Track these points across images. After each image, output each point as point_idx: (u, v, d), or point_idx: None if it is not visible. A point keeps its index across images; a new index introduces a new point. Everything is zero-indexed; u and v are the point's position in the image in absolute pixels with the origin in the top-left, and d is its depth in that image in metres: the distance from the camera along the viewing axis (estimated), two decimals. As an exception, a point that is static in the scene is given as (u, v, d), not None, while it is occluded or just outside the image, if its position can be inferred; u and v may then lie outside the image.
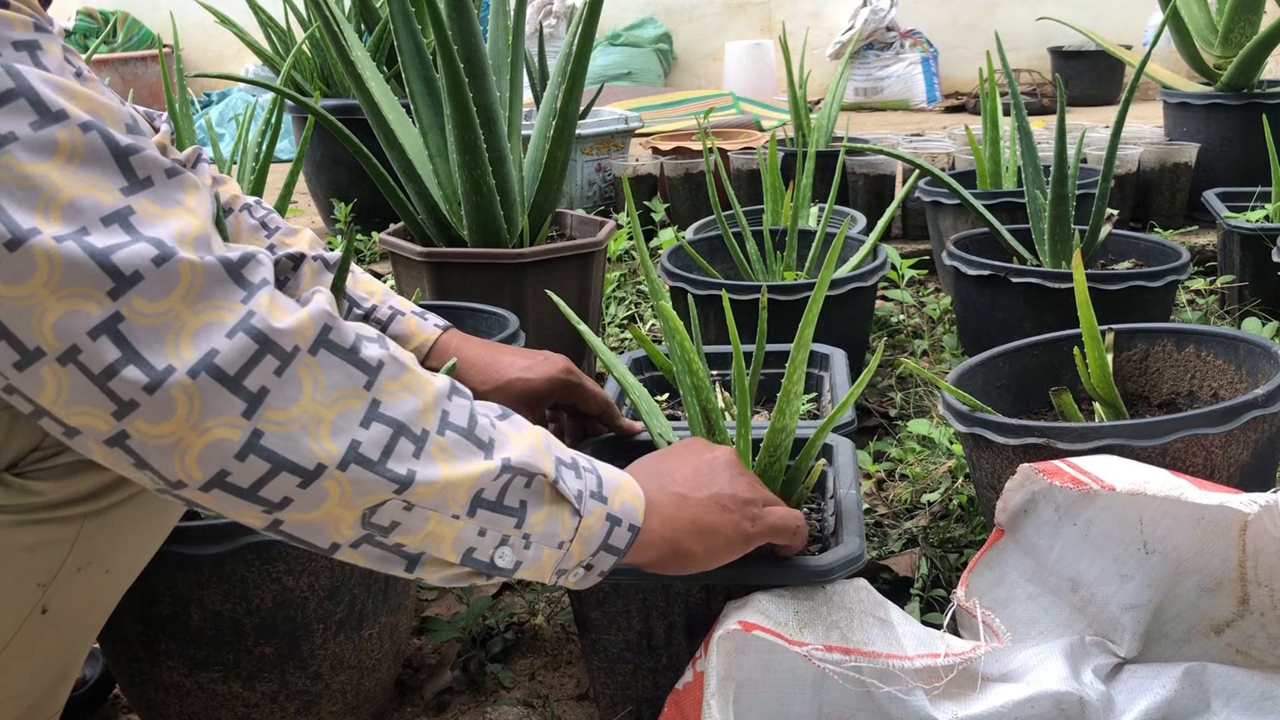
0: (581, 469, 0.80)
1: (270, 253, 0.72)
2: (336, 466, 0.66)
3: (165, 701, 1.05)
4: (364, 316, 1.17)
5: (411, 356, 0.72)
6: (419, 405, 0.70)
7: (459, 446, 0.72)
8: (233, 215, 1.17)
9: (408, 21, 1.84)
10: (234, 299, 0.63)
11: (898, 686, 0.90)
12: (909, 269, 2.33)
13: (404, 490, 0.68)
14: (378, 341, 0.70)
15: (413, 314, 1.19)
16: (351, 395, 0.67)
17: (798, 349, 0.95)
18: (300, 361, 0.65)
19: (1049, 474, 1.02)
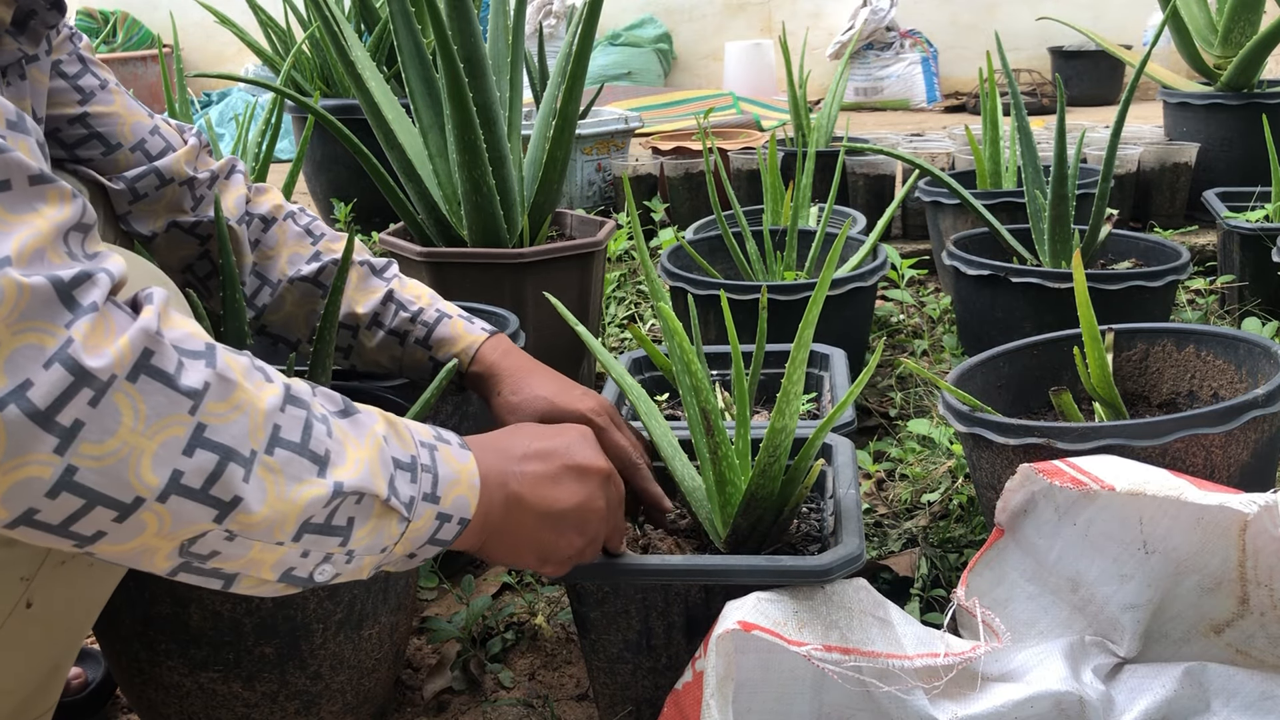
0: (420, 469, 0.77)
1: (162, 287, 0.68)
2: (156, 498, 0.62)
3: (165, 701, 1.05)
4: (410, 319, 1.16)
5: (246, 365, 0.68)
6: (248, 425, 0.66)
7: (291, 465, 0.68)
8: (276, 224, 1.18)
9: (408, 21, 1.84)
10: (58, 323, 0.59)
11: (897, 686, 0.90)
12: (909, 269, 2.33)
13: (225, 519, 0.65)
14: (205, 356, 0.65)
15: (460, 317, 1.18)
16: (174, 423, 0.63)
17: (797, 349, 0.95)
18: (118, 390, 0.61)
19: (1049, 474, 1.02)
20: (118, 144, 1.07)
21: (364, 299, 1.18)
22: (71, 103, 1.03)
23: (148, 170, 1.09)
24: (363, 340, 1.18)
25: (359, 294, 1.18)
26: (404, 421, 0.80)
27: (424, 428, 0.82)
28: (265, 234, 1.18)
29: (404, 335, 1.17)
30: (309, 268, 1.17)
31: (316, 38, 2.99)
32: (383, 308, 1.18)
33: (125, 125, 1.07)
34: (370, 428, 0.75)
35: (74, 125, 1.04)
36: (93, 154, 1.06)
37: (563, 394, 1.09)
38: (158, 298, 0.66)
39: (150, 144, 1.10)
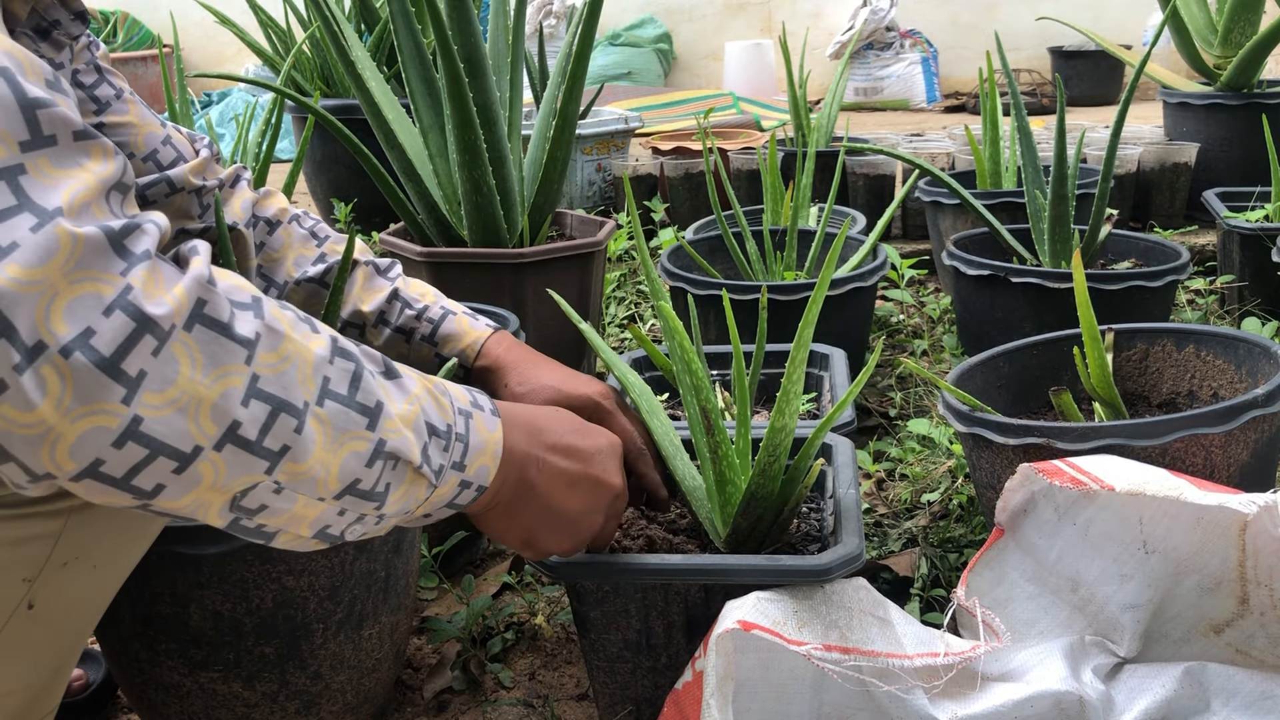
0: (454, 438, 0.79)
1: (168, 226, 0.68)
2: (213, 447, 0.63)
3: (165, 701, 1.05)
4: (416, 316, 1.17)
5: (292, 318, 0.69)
6: (298, 376, 0.67)
7: (339, 417, 0.69)
8: (282, 227, 1.19)
9: (408, 21, 1.84)
10: (113, 270, 0.60)
11: (897, 686, 0.90)
12: (909, 269, 2.33)
13: (276, 468, 0.66)
14: (253, 308, 0.66)
15: (464, 314, 1.19)
16: (231, 372, 0.63)
17: (797, 349, 0.95)
18: (176, 339, 0.61)
19: (1048, 474, 1.02)
20: (130, 154, 1.07)
21: (370, 297, 1.18)
22: (87, 112, 1.03)
23: (159, 179, 1.10)
24: (369, 338, 1.19)
25: (364, 292, 1.19)
26: (443, 386, 0.81)
27: (461, 392, 0.83)
28: (271, 236, 1.19)
29: (410, 332, 1.18)
30: (315, 269, 1.18)
31: (316, 38, 2.99)
32: (388, 305, 1.18)
33: (139, 135, 1.08)
34: (412, 391, 0.76)
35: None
36: None
37: (569, 381, 1.10)
38: (203, 249, 0.66)
39: (162, 154, 1.11)
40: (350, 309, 1.18)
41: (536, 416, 0.90)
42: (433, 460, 0.76)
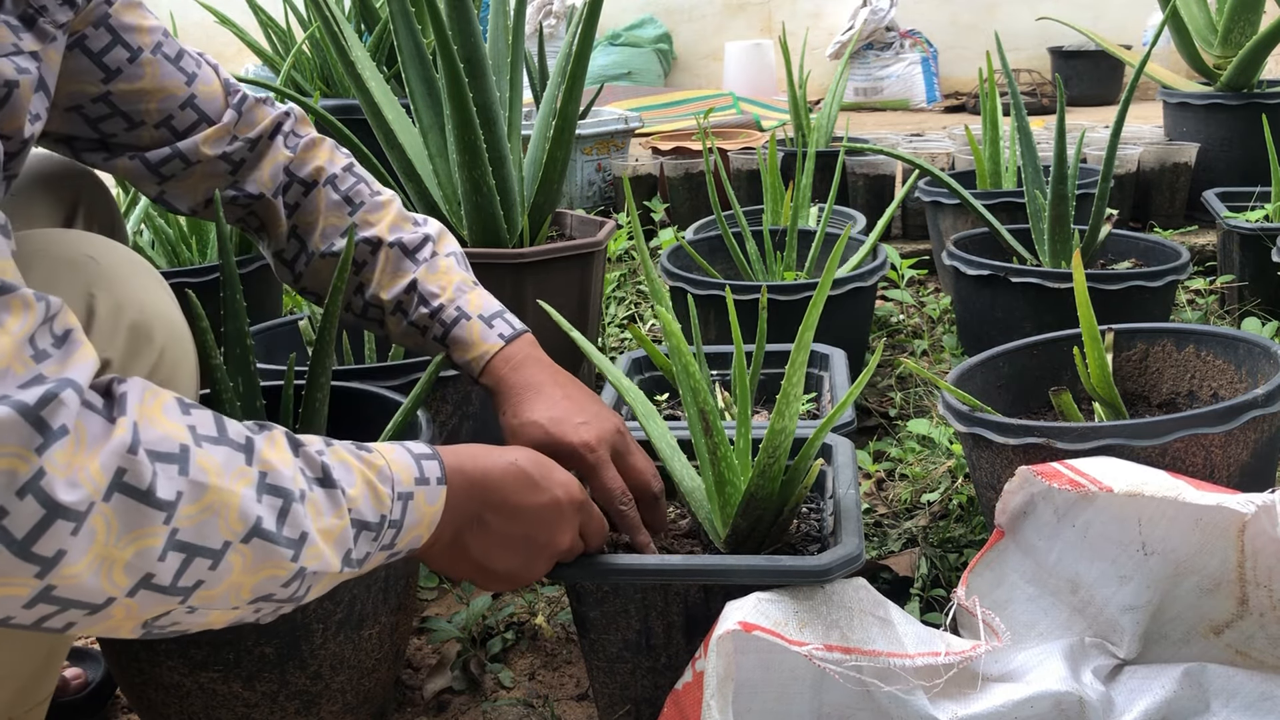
0: (386, 527, 0.78)
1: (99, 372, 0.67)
2: (125, 595, 0.64)
3: (165, 701, 1.05)
4: (430, 315, 1.12)
5: (221, 460, 0.68)
6: (220, 524, 0.67)
7: (261, 550, 0.69)
8: (316, 189, 1.14)
9: (408, 21, 1.84)
10: (29, 447, 0.59)
11: (898, 685, 0.90)
12: (909, 269, 2.33)
13: (190, 598, 0.67)
14: (179, 462, 0.65)
15: (479, 319, 1.13)
16: (148, 534, 0.64)
17: (798, 349, 0.95)
18: (96, 513, 0.61)
19: (1047, 476, 1.02)
20: (141, 121, 1.03)
21: (390, 285, 1.14)
22: (95, 81, 0.99)
23: (171, 154, 1.06)
24: (389, 324, 1.16)
25: (385, 278, 1.14)
26: (388, 468, 0.80)
27: (409, 467, 0.81)
28: (305, 199, 1.14)
29: (424, 330, 1.14)
30: (340, 243, 1.14)
31: (316, 38, 2.99)
32: (405, 297, 1.14)
33: (151, 102, 1.03)
34: (348, 495, 0.76)
35: (97, 103, 1.01)
36: (115, 130, 1.03)
37: (560, 423, 1.03)
38: (133, 395, 0.66)
39: (178, 120, 1.06)
40: (371, 293, 1.14)
41: (489, 473, 0.88)
42: (357, 552, 0.77)
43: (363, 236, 1.14)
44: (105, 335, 0.84)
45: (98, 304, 0.84)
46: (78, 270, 0.86)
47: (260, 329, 1.54)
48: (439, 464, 0.84)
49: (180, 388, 0.91)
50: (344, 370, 1.34)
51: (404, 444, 0.84)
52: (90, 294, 0.84)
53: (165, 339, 0.89)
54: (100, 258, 0.88)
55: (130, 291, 0.88)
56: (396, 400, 1.22)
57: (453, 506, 0.84)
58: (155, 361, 0.88)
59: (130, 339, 0.86)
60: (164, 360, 0.88)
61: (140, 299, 0.88)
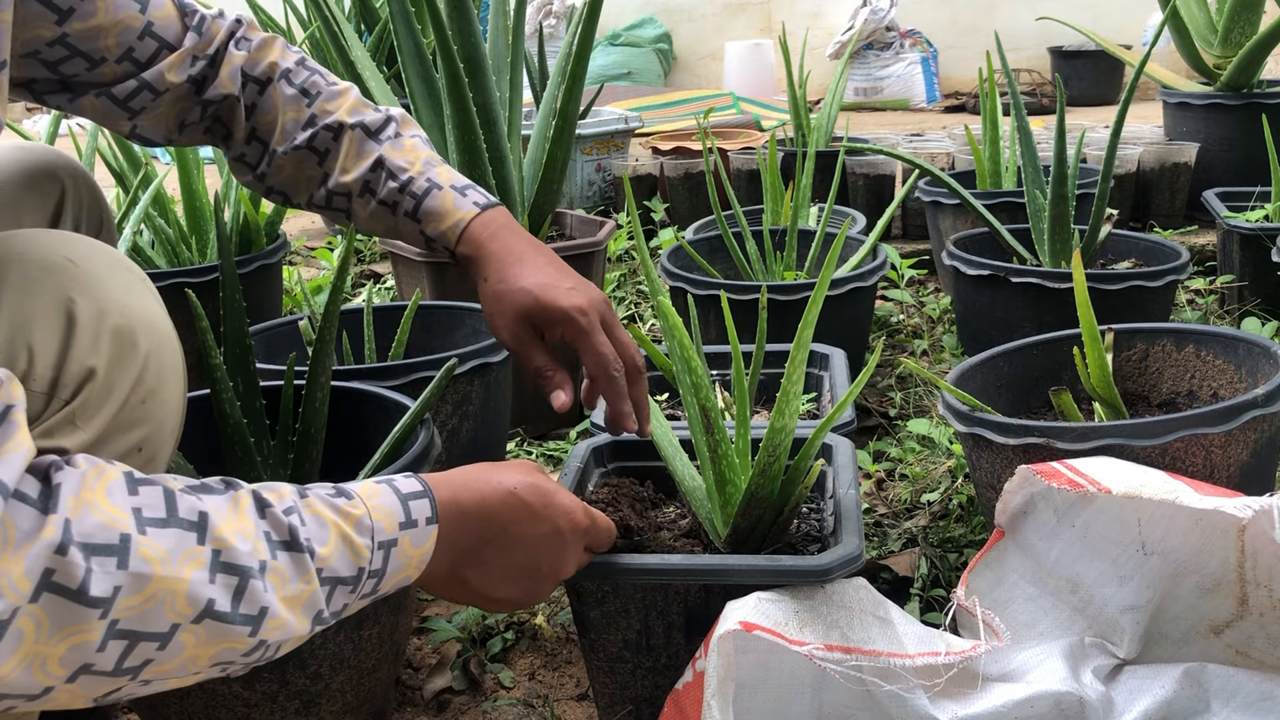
0: (365, 578, 0.75)
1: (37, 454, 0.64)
2: (66, 681, 0.62)
3: (165, 701, 1.05)
4: (400, 189, 1.09)
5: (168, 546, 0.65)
6: (167, 610, 0.64)
7: (216, 629, 0.66)
8: (271, 86, 1.11)
9: (408, 21, 1.84)
10: None
11: (899, 685, 0.90)
12: (909, 269, 2.33)
13: (140, 674, 0.65)
14: (118, 554, 0.62)
15: (451, 189, 1.10)
16: (81, 630, 0.61)
17: (797, 349, 0.95)
18: (23, 614, 0.59)
19: (1047, 476, 1.02)
20: (102, 58, 1.00)
21: (355, 166, 1.10)
22: (48, 24, 0.95)
23: (138, 86, 1.03)
24: (356, 208, 1.12)
25: (350, 161, 1.11)
26: (368, 518, 0.76)
27: (393, 512, 0.78)
28: (261, 97, 1.11)
29: (394, 206, 1.10)
30: (302, 136, 1.11)
31: (316, 38, 2.99)
32: (372, 175, 1.10)
33: (109, 37, 1.00)
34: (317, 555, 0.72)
35: (54, 46, 0.97)
36: (77, 70, 1.00)
37: (549, 288, 1.02)
38: (69, 486, 0.63)
39: (139, 51, 1.02)
40: (335, 180, 1.11)
41: (486, 504, 0.84)
42: (331, 608, 0.74)
43: (324, 124, 1.10)
44: (88, 343, 0.80)
45: (78, 309, 0.80)
46: (56, 274, 0.81)
47: (260, 329, 1.54)
48: (429, 502, 0.80)
49: (167, 394, 0.86)
50: (344, 370, 1.34)
51: (392, 482, 0.80)
52: (70, 299, 0.80)
53: (151, 344, 0.85)
54: (79, 260, 0.84)
55: (112, 295, 0.83)
56: (396, 400, 1.22)
57: (446, 541, 0.81)
58: (141, 369, 0.84)
59: (114, 345, 0.82)
60: (149, 367, 0.84)
61: (123, 302, 0.84)
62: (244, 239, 2.05)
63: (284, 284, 2.22)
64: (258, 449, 1.11)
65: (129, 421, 0.82)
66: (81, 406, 0.78)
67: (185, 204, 2.00)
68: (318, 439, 1.15)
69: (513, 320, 1.05)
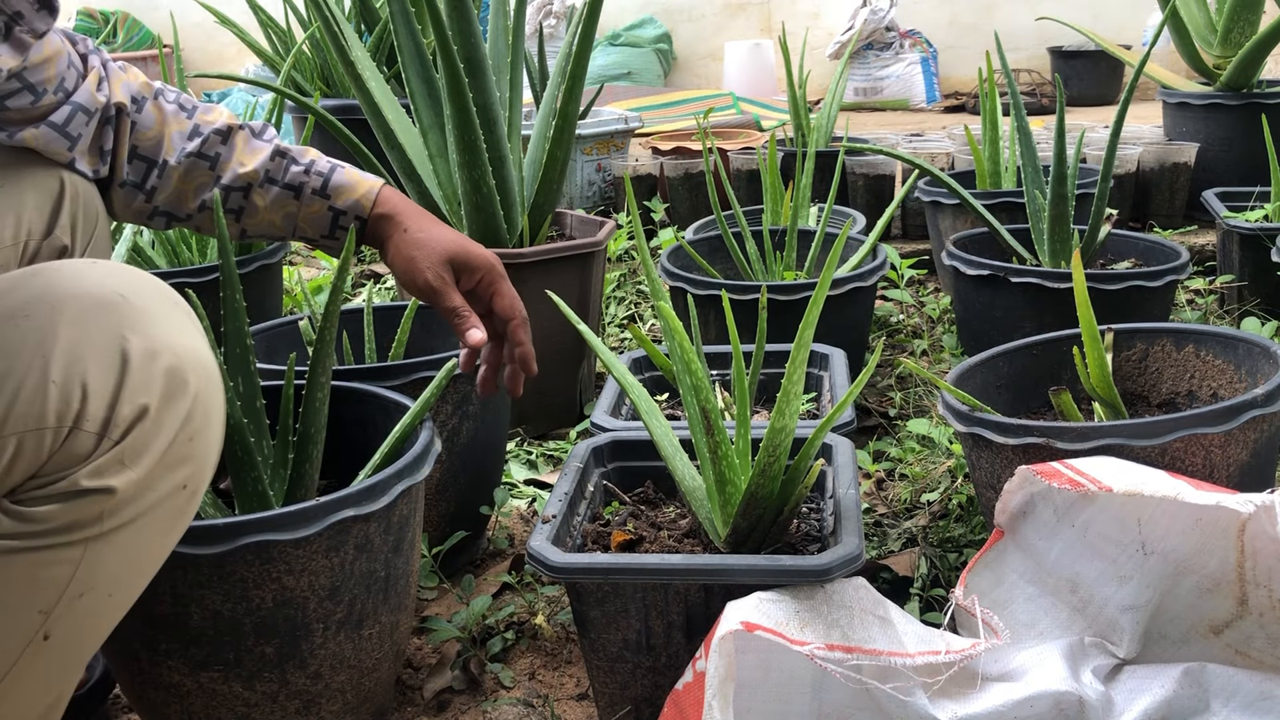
0: None
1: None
2: None
3: (165, 701, 1.05)
4: (304, 170, 1.16)
5: None
6: None
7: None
8: (149, 103, 1.14)
9: (408, 21, 1.84)
10: None
11: (899, 684, 0.90)
12: (909, 269, 2.33)
13: None
14: None
15: (350, 167, 1.19)
16: None
17: (797, 349, 0.95)
18: None
19: (1047, 475, 1.02)
20: (44, 90, 1.03)
21: (252, 158, 1.16)
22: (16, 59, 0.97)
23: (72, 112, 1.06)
24: (255, 200, 1.17)
25: (245, 156, 1.16)
26: None
27: None
28: (140, 114, 1.14)
29: (299, 188, 1.17)
30: (192, 144, 1.15)
31: (316, 38, 2.99)
32: (273, 164, 1.16)
33: (51, 68, 1.03)
34: None
35: (10, 80, 1.00)
36: (22, 103, 1.02)
37: (468, 241, 1.15)
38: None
39: (67, 79, 1.06)
40: (233, 173, 1.15)
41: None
42: None
43: (212, 129, 1.15)
44: (140, 382, 0.81)
45: (131, 347, 0.81)
46: (109, 311, 0.82)
47: (260, 329, 1.54)
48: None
49: (211, 435, 0.87)
50: (344, 370, 1.34)
51: None
52: (123, 337, 0.81)
53: (199, 384, 0.85)
54: (131, 296, 0.84)
55: (163, 333, 0.84)
56: (396, 400, 1.22)
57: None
58: (190, 408, 0.84)
59: (166, 385, 0.82)
60: (197, 407, 0.85)
61: (173, 341, 0.84)
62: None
63: (284, 284, 2.22)
64: (258, 449, 1.11)
65: (176, 460, 0.83)
66: (131, 446, 0.80)
67: (185, 204, 2.00)
68: (318, 439, 1.15)
69: (437, 262, 1.15)
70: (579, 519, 1.13)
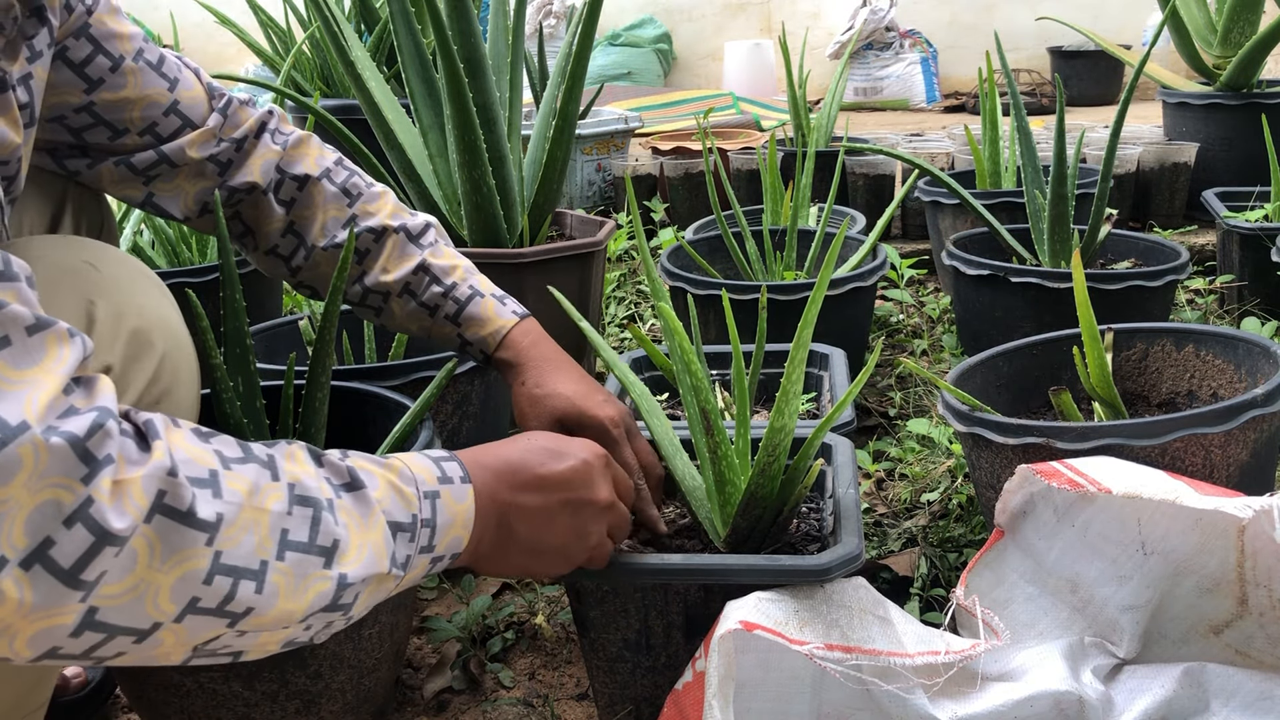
0: (419, 526, 0.77)
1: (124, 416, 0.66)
2: (173, 620, 0.64)
3: (165, 701, 1.05)
4: (443, 294, 1.15)
5: (251, 477, 0.68)
6: (257, 540, 0.67)
7: (300, 564, 0.69)
8: (311, 183, 1.15)
9: (408, 21, 1.84)
10: (75, 477, 0.59)
11: (898, 684, 0.90)
12: (908, 269, 2.33)
13: (238, 623, 0.67)
14: (211, 485, 0.65)
15: (492, 297, 1.17)
16: (191, 556, 0.63)
17: (797, 349, 0.95)
18: (138, 534, 0.61)
19: (1046, 475, 1.02)
20: (125, 129, 1.04)
21: (397, 267, 1.16)
22: (77, 92, 0.99)
23: (156, 160, 1.07)
24: (393, 308, 1.17)
25: (392, 262, 1.16)
26: (409, 470, 0.79)
27: (429, 468, 0.81)
28: (301, 193, 1.16)
29: (434, 309, 1.16)
30: (343, 234, 1.16)
31: (316, 38, 2.99)
32: (414, 278, 1.16)
33: (135, 110, 1.03)
34: (375, 501, 0.75)
35: (80, 113, 1.01)
36: (99, 139, 1.04)
37: (586, 397, 1.08)
38: (158, 421, 0.65)
39: (162, 126, 1.06)
40: (374, 278, 1.16)
41: (509, 456, 0.87)
42: (398, 556, 0.76)
43: (366, 226, 1.15)
44: (105, 342, 0.83)
45: (97, 311, 0.83)
46: (77, 277, 0.85)
47: (260, 329, 1.54)
48: (458, 464, 0.83)
49: (181, 394, 0.90)
50: (344, 370, 1.34)
51: (418, 452, 0.83)
52: (90, 301, 0.84)
53: (166, 345, 0.88)
54: (99, 264, 0.87)
55: (129, 298, 0.87)
56: (397, 400, 1.22)
57: (484, 497, 0.83)
58: (156, 368, 0.87)
59: (130, 345, 0.85)
60: (164, 367, 0.87)
61: (140, 305, 0.87)
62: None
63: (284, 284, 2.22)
64: (258, 449, 1.11)
65: None
66: None
67: (185, 204, 2.00)
68: (318, 439, 1.15)
69: (547, 423, 1.10)
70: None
